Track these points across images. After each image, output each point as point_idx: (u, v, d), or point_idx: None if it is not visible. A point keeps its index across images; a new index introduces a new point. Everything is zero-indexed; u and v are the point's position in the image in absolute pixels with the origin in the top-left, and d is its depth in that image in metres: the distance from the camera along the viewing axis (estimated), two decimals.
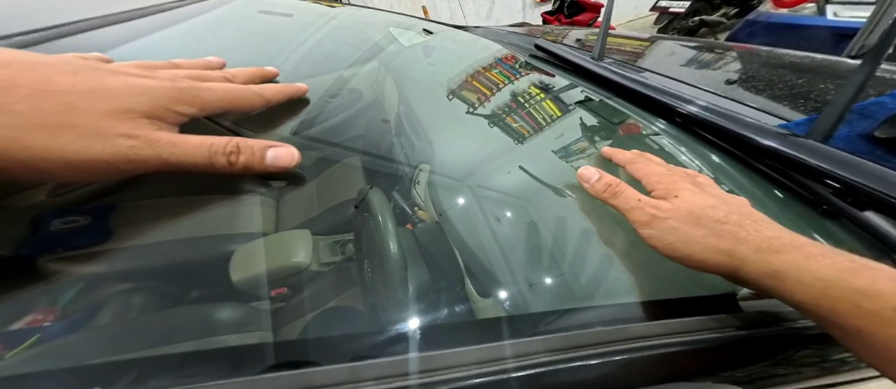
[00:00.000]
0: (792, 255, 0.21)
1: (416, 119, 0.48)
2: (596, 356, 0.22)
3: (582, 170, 0.32)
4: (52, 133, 0.20)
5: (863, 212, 0.32)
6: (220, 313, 0.24)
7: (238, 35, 0.57)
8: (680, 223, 0.24)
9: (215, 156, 0.26)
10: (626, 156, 0.34)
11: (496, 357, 0.21)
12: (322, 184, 0.37)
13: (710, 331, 0.24)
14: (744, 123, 0.39)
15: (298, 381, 0.19)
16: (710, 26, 3.33)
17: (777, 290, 0.21)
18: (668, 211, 0.25)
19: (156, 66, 0.29)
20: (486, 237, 0.31)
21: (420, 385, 0.19)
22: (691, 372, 0.25)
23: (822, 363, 0.27)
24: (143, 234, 0.26)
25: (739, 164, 0.39)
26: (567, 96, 0.53)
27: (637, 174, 0.31)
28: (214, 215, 0.29)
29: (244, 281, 0.25)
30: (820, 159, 0.33)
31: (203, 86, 0.28)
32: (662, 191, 0.27)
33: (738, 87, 0.58)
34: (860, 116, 0.40)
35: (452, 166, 0.40)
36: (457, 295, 0.27)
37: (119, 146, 0.22)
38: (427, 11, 4.34)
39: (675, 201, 0.26)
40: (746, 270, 0.22)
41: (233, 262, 0.25)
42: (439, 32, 0.76)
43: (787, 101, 0.50)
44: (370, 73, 0.56)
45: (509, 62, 0.65)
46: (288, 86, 0.39)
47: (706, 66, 0.72)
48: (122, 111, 0.22)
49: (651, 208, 0.26)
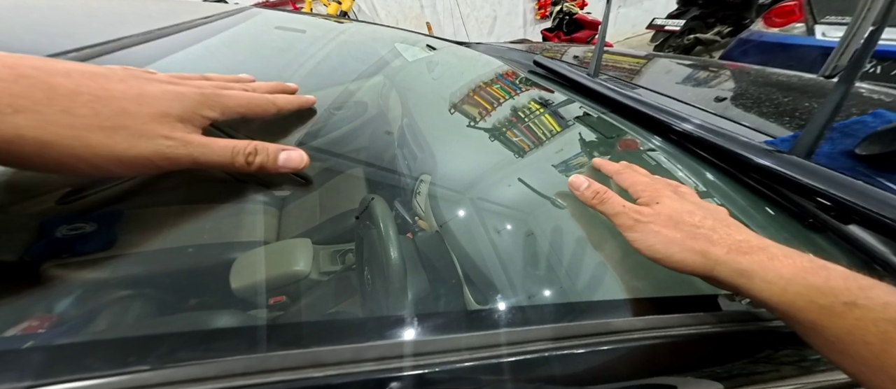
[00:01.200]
0: (758, 256, 0.23)
1: (419, 131, 0.49)
2: (583, 346, 0.23)
3: (573, 178, 0.34)
4: (109, 133, 0.22)
5: (846, 226, 0.33)
6: (217, 320, 0.24)
7: (257, 49, 0.60)
8: (660, 226, 0.26)
9: (237, 156, 0.29)
10: (614, 166, 0.36)
11: (490, 343, 0.22)
12: (325, 194, 0.37)
13: (688, 327, 0.26)
14: (732, 139, 0.41)
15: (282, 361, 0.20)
16: (705, 44, 3.40)
17: (746, 288, 0.23)
18: (649, 216, 0.27)
19: (186, 77, 0.32)
20: (485, 247, 0.32)
21: (413, 376, 0.21)
22: (671, 366, 0.26)
23: (801, 362, 0.28)
24: (147, 241, 0.26)
25: (729, 179, 0.41)
26: (565, 111, 0.55)
27: (624, 183, 0.33)
28: (218, 223, 0.30)
29: (243, 288, 0.25)
30: (803, 174, 0.34)
31: (224, 93, 0.31)
32: (646, 198, 0.30)
33: (729, 104, 0.60)
34: (842, 134, 0.41)
35: (453, 178, 0.41)
36: (455, 302, 0.28)
37: (160, 145, 0.24)
38: (431, 27, 4.43)
39: (656, 207, 0.28)
40: (719, 270, 0.24)
41: (233, 270, 0.26)
42: (442, 48, 0.79)
43: (774, 118, 0.52)
44: (375, 87, 0.58)
45: (510, 78, 0.67)
46: (299, 97, 0.42)
47: (699, 84, 0.74)
48: (161, 115, 0.25)
49: (635, 213, 0.28)
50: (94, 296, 0.23)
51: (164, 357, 0.20)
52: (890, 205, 0.29)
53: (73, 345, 0.20)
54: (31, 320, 0.20)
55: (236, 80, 0.37)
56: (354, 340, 0.22)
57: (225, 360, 0.20)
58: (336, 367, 0.21)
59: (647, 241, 0.26)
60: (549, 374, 0.23)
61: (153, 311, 0.24)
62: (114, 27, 0.48)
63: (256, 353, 0.20)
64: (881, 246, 0.32)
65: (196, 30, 0.59)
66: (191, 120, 0.27)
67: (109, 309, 0.22)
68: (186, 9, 0.65)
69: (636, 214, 0.28)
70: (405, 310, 0.27)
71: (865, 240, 0.33)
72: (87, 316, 0.21)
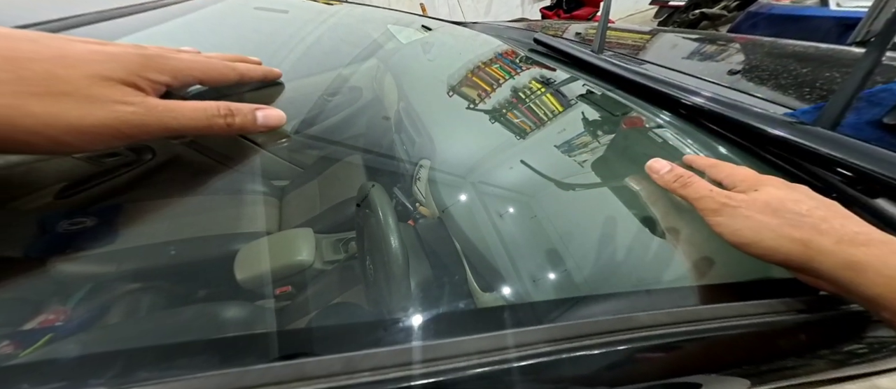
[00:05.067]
0: (878, 249, 0.21)
1: (416, 115, 0.48)
2: (600, 346, 0.22)
3: (652, 162, 0.32)
4: (50, 101, 0.20)
5: (874, 200, 0.31)
6: (226, 311, 0.25)
7: (234, 31, 0.57)
8: (753, 212, 0.24)
9: (213, 119, 0.27)
10: (708, 160, 0.33)
11: (500, 346, 0.21)
12: (324, 183, 0.37)
13: (721, 320, 0.24)
14: (749, 112, 0.39)
15: (293, 372, 0.19)
16: (711, 19, 3.31)
17: (851, 282, 0.21)
18: (741, 201, 0.25)
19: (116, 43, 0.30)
20: (487, 232, 0.31)
21: (422, 375, 0.19)
22: (701, 363, 0.24)
23: (832, 355, 0.27)
24: (149, 235, 0.26)
25: (746, 154, 0.39)
26: (568, 90, 0.53)
27: (719, 176, 0.30)
28: (219, 215, 0.30)
29: (248, 279, 0.25)
30: (829, 146, 0.32)
31: (172, 56, 0.28)
32: (744, 186, 0.27)
33: (742, 78, 0.58)
34: (869, 104, 0.39)
35: (453, 162, 0.39)
36: (459, 289, 0.27)
37: (119, 112, 0.22)
38: (425, 8, 4.32)
39: (753, 194, 0.25)
40: (820, 260, 0.22)
41: (237, 261, 0.26)
42: (438, 29, 0.76)
43: (793, 90, 0.50)
44: (369, 71, 0.56)
45: (510, 57, 0.64)
46: (263, 68, 0.39)
47: (709, 58, 0.71)
48: (100, 77, 0.22)
49: (723, 198, 0.26)
50: (101, 292, 0.22)
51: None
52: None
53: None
54: (43, 314, 0.20)
55: (180, 51, 0.34)
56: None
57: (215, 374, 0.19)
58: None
59: (733, 226, 0.24)
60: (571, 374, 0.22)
61: (164, 304, 0.24)
62: (71, 5, 0.45)
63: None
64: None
65: (166, 9, 0.55)
66: (138, 84, 0.24)
67: (117, 305, 0.22)
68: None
69: (725, 198, 0.26)
70: (410, 300, 0.26)
71: (894, 214, 0.31)
72: (94, 312, 0.21)
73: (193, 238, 0.28)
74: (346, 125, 0.47)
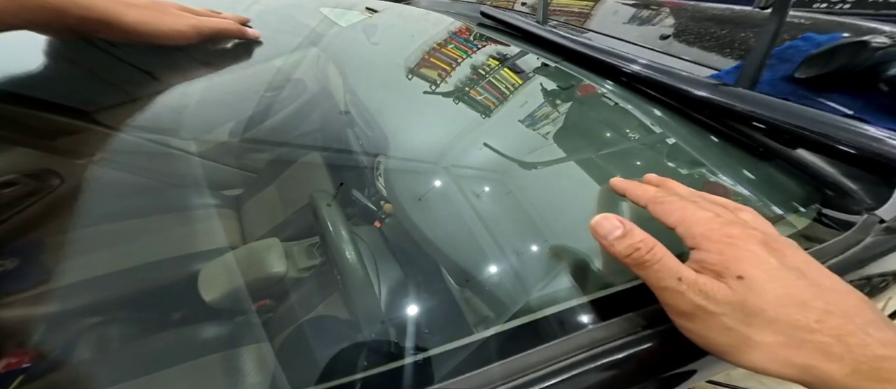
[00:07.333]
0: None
1: (364, 106, 0.46)
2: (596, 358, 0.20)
3: (599, 220, 0.22)
4: None
5: (794, 151, 0.34)
6: (203, 333, 0.24)
7: None
8: (738, 323, 0.17)
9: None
10: (649, 192, 0.24)
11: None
12: (283, 187, 0.35)
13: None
14: (678, 77, 0.42)
15: None
16: None
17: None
18: (724, 303, 0.17)
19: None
20: (456, 222, 0.31)
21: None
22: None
23: None
24: (88, 268, 0.24)
25: (679, 116, 0.42)
26: (523, 63, 0.53)
27: (669, 219, 0.21)
28: (167, 235, 0.28)
29: (220, 299, 0.24)
30: (749, 104, 0.35)
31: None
32: (715, 257, 0.19)
33: (673, 41, 0.62)
34: (779, 60, 0.44)
35: (409, 152, 0.39)
36: (434, 287, 0.27)
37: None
38: None
39: (736, 285, 0.17)
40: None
41: (201, 282, 0.24)
42: (383, 9, 0.72)
43: (716, 51, 0.54)
44: (309, 61, 0.53)
45: (463, 35, 0.63)
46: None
47: (644, 23, 0.75)
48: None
49: (699, 296, 0.18)
50: (63, 329, 0.21)
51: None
52: (831, 126, 0.31)
53: None
54: (9, 357, 0.19)
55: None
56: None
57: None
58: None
59: (709, 335, 0.18)
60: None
61: (135, 334, 0.23)
62: None
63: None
64: (828, 167, 0.33)
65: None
66: None
67: (87, 336, 0.21)
68: None
69: (701, 299, 0.18)
70: (380, 309, 0.25)
71: (813, 163, 0.34)
72: (64, 349, 0.20)
73: (142, 264, 0.26)
74: (294, 122, 0.44)
